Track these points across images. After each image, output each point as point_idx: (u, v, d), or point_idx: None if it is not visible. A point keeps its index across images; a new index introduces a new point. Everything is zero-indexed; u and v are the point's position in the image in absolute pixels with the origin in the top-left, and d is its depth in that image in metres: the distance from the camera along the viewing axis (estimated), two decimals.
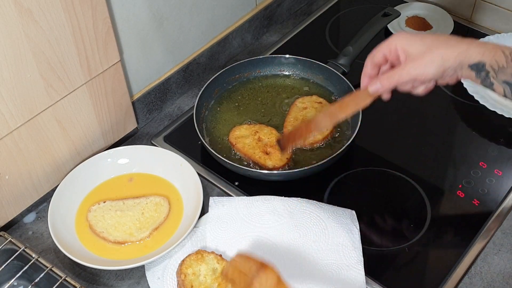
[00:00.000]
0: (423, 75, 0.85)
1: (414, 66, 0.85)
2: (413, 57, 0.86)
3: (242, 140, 1.09)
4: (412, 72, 0.85)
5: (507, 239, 0.98)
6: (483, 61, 0.82)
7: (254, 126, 1.12)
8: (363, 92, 0.93)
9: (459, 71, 0.85)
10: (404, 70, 0.86)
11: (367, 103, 0.92)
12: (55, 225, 0.97)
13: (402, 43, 0.88)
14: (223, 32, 1.30)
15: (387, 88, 0.89)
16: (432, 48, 0.85)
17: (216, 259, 0.91)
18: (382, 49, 0.90)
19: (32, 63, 0.90)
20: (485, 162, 1.09)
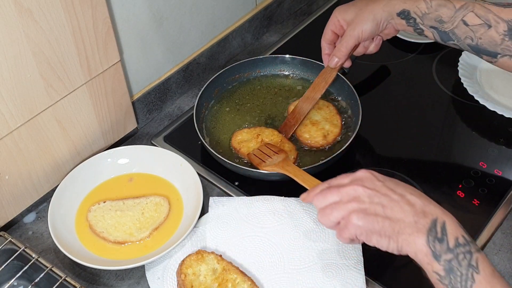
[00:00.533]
0: (363, 33, 1.00)
1: (353, 27, 1.01)
2: (350, 21, 1.02)
3: (246, 144, 1.08)
4: (353, 34, 1.01)
5: (507, 239, 0.98)
6: (407, 9, 0.97)
7: (255, 129, 1.11)
8: (327, 69, 1.10)
9: (392, 21, 1.00)
10: (347, 36, 1.02)
11: (333, 77, 1.10)
12: (55, 225, 0.97)
13: (341, 15, 1.04)
14: (223, 32, 1.30)
15: (342, 58, 1.05)
16: (362, 8, 1.01)
17: (216, 259, 0.91)
18: (329, 27, 1.07)
19: (32, 63, 0.90)
20: (485, 162, 1.09)
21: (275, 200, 1.01)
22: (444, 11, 0.94)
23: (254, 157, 1.04)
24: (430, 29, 0.96)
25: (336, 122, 1.12)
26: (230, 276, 0.89)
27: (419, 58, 1.32)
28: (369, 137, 1.14)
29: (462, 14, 0.93)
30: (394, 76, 1.29)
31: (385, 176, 0.82)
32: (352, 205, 0.78)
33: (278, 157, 1.01)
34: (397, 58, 1.33)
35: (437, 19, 0.95)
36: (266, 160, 1.02)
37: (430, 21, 0.95)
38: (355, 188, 0.79)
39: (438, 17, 0.94)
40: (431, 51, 1.33)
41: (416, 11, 0.96)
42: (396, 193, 0.78)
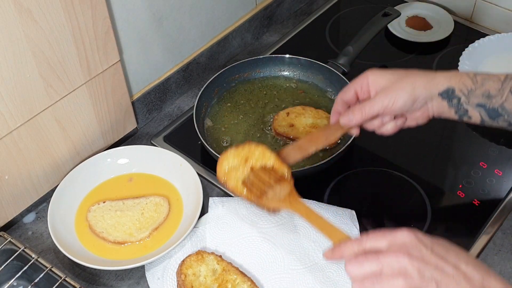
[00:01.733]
0: (394, 103, 0.84)
1: (385, 93, 0.84)
2: (384, 87, 0.85)
3: (234, 174, 0.92)
4: (383, 101, 0.84)
5: (507, 239, 0.98)
6: (452, 87, 0.83)
7: (243, 149, 0.93)
8: (333, 126, 0.92)
9: (430, 103, 0.85)
10: (375, 100, 0.85)
11: (337, 137, 0.92)
12: (54, 225, 0.97)
13: (373, 76, 0.87)
14: (223, 32, 1.30)
15: (358, 120, 0.87)
16: (402, 77, 0.85)
17: (216, 260, 0.91)
18: (353, 85, 0.89)
19: (32, 63, 0.90)
20: (486, 162, 1.09)
21: None
22: (490, 84, 0.82)
23: (251, 187, 0.88)
24: (476, 108, 0.83)
25: None
26: (230, 276, 0.89)
27: (419, 58, 1.32)
28: (369, 137, 1.14)
29: (509, 85, 0.82)
30: None
31: (430, 238, 0.71)
32: (398, 281, 0.66)
33: (281, 187, 0.87)
34: (397, 58, 1.32)
35: (484, 95, 0.82)
36: (266, 191, 0.87)
37: (477, 98, 0.83)
38: (399, 259, 0.67)
39: (485, 92, 0.82)
40: (431, 51, 1.32)
41: (462, 88, 0.83)
42: (449, 264, 0.67)
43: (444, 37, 1.33)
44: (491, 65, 1.26)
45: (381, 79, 0.86)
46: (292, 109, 1.15)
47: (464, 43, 1.30)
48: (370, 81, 0.87)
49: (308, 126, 1.11)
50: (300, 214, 0.84)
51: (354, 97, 0.90)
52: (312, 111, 1.14)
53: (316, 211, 0.84)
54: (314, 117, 1.13)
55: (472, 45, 1.27)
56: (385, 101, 0.84)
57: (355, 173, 1.09)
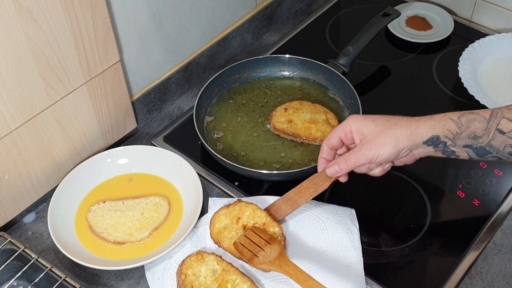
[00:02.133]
0: (378, 157, 0.86)
1: (369, 147, 0.86)
2: (368, 139, 0.86)
3: (227, 234, 0.95)
4: (367, 154, 0.86)
5: (507, 239, 0.98)
6: (436, 134, 0.84)
7: (234, 207, 0.97)
8: (321, 175, 0.93)
9: (415, 150, 0.87)
10: (360, 152, 0.87)
11: (325, 187, 0.93)
12: (54, 225, 0.97)
13: (356, 125, 0.88)
14: (223, 32, 1.30)
15: (344, 170, 0.89)
16: (385, 130, 0.86)
17: (216, 260, 0.91)
18: (337, 132, 0.90)
19: (32, 63, 0.90)
20: (486, 162, 1.09)
21: (274, 200, 1.01)
22: (476, 125, 0.83)
23: (242, 248, 0.92)
24: (463, 148, 0.85)
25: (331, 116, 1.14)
26: (230, 277, 0.89)
27: (419, 58, 1.32)
28: None
29: (495, 123, 0.83)
30: (394, 76, 1.29)
31: None
32: None
33: (271, 249, 0.91)
34: (397, 58, 1.32)
35: (470, 136, 0.84)
36: (257, 253, 0.90)
37: (463, 140, 0.84)
38: None
39: (471, 133, 0.84)
40: (431, 51, 1.32)
41: (447, 134, 0.84)
42: None
43: (444, 37, 1.33)
44: (491, 65, 1.26)
45: (364, 129, 0.87)
46: (289, 104, 1.15)
47: (464, 43, 1.30)
48: (353, 129, 0.89)
49: (307, 122, 1.11)
50: (290, 276, 0.87)
51: (339, 143, 0.91)
52: (310, 105, 1.15)
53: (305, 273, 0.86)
54: (311, 111, 1.13)
55: (472, 45, 1.27)
56: (369, 154, 0.86)
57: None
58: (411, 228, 0.99)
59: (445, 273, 0.93)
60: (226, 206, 0.98)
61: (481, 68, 1.25)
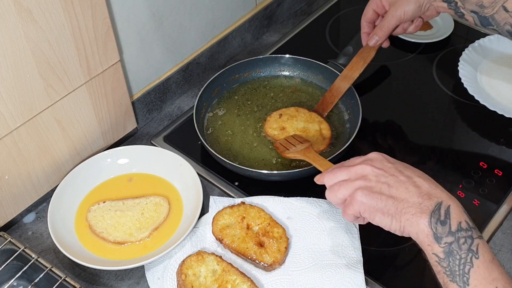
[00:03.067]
0: (405, 14, 1.03)
1: (395, 8, 1.03)
2: (393, 1, 1.04)
3: (229, 232, 0.95)
4: (395, 14, 1.03)
5: (507, 239, 0.98)
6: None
7: (238, 208, 0.97)
8: (366, 48, 1.12)
9: (434, 3, 1.02)
10: (389, 16, 1.04)
11: (372, 56, 1.11)
12: (54, 225, 0.97)
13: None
14: (223, 32, 1.30)
15: (383, 37, 1.08)
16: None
17: (216, 261, 0.91)
18: (371, 5, 1.08)
19: (32, 63, 0.90)
20: (486, 162, 1.09)
21: (274, 200, 1.01)
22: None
23: (279, 145, 1.05)
24: (470, 13, 0.98)
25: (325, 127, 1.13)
26: (230, 277, 0.89)
27: (419, 58, 1.32)
28: (369, 137, 1.14)
29: (502, 0, 0.94)
30: (394, 76, 1.29)
31: (396, 160, 0.84)
32: (358, 182, 0.80)
33: (301, 146, 1.02)
34: (397, 58, 1.32)
35: (478, 4, 0.96)
36: (290, 148, 1.02)
37: (471, 5, 0.97)
38: (364, 167, 0.81)
39: (479, 1, 0.96)
40: (431, 51, 1.32)
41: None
42: (404, 175, 0.79)
43: (444, 37, 1.33)
44: (491, 65, 1.26)
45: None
46: (285, 110, 1.15)
47: (464, 43, 1.30)
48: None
49: (299, 130, 1.11)
50: (308, 159, 0.97)
51: (374, 15, 1.09)
52: (305, 113, 1.14)
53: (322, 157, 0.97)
54: (306, 120, 1.12)
55: (472, 45, 1.27)
56: (396, 14, 1.03)
57: None
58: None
59: None
60: (229, 206, 0.98)
61: (481, 68, 1.24)
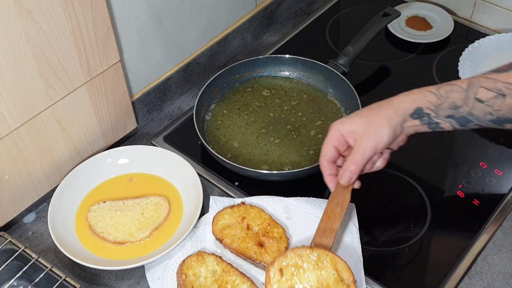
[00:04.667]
0: (381, 141, 0.87)
1: (368, 137, 0.86)
2: (362, 132, 0.87)
3: (230, 232, 0.95)
4: (370, 144, 0.86)
5: (507, 239, 0.98)
6: (419, 106, 0.87)
7: (238, 208, 0.97)
8: (337, 192, 0.91)
9: (404, 125, 0.88)
10: (362, 145, 0.87)
11: (348, 199, 0.90)
12: (55, 225, 0.97)
13: (344, 127, 0.89)
14: (223, 32, 1.30)
15: (356, 173, 0.88)
16: (373, 115, 0.88)
17: (216, 261, 0.91)
18: (330, 143, 0.90)
19: (32, 63, 0.90)
20: (485, 162, 1.09)
21: (274, 200, 1.01)
22: (455, 95, 0.86)
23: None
24: (446, 119, 0.88)
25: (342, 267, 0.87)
26: (230, 277, 0.89)
27: (419, 58, 1.32)
28: None
29: (473, 92, 0.85)
30: (394, 76, 1.29)
31: None
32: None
33: None
34: (397, 58, 1.32)
35: (451, 107, 0.86)
36: None
37: (444, 111, 0.87)
38: None
39: (451, 104, 0.86)
40: (431, 51, 1.32)
41: (429, 105, 0.87)
42: None
43: (444, 37, 1.33)
44: (491, 65, 1.25)
45: (353, 126, 0.88)
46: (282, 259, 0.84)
47: (464, 43, 1.30)
48: (343, 132, 0.89)
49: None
50: None
51: (336, 153, 0.91)
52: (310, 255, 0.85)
53: None
54: (315, 267, 0.84)
55: (472, 45, 1.27)
56: (371, 144, 0.87)
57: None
58: (411, 228, 0.99)
59: (445, 273, 0.93)
60: (230, 207, 0.98)
61: (481, 68, 1.24)
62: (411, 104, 0.87)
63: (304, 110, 1.17)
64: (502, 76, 0.85)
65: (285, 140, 1.12)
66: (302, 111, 1.17)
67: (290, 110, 1.17)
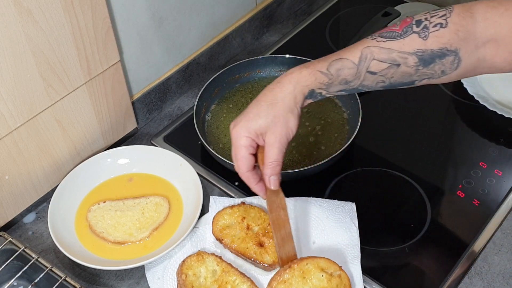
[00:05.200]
0: (292, 132, 0.84)
1: (280, 133, 0.83)
2: (268, 126, 0.83)
3: (230, 232, 0.95)
4: (282, 134, 0.83)
5: (507, 239, 0.98)
6: (311, 88, 0.85)
7: (238, 208, 0.97)
8: (272, 195, 0.87)
9: (304, 103, 0.86)
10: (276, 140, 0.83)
11: (283, 196, 0.87)
12: (55, 225, 0.97)
13: (248, 128, 0.84)
14: (223, 32, 1.30)
15: (279, 171, 0.84)
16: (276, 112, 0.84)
17: (216, 261, 0.91)
18: (242, 150, 0.85)
19: (32, 63, 0.90)
20: (485, 162, 1.09)
21: None
22: (345, 72, 0.83)
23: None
24: (337, 93, 0.86)
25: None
26: (230, 277, 0.89)
27: None
28: (369, 137, 1.14)
29: (365, 66, 0.82)
30: None
31: None
32: None
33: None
34: None
35: (342, 82, 0.84)
36: None
37: (336, 87, 0.85)
38: None
39: (342, 80, 0.84)
40: None
41: (320, 86, 0.85)
42: None
43: None
44: None
45: (257, 122, 0.84)
46: (282, 272, 0.86)
47: None
48: (249, 133, 0.84)
49: None
50: None
51: (253, 159, 0.86)
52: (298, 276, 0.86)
53: None
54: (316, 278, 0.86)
55: None
56: (284, 134, 0.83)
57: (355, 173, 1.09)
58: (411, 228, 0.99)
59: (445, 273, 0.93)
60: (230, 207, 0.98)
61: None
62: (304, 89, 0.85)
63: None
64: (397, 44, 0.81)
65: None
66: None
67: None
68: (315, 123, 1.14)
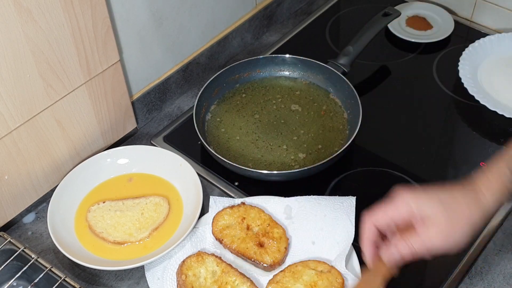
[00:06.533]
0: (456, 247, 0.74)
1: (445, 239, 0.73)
2: (438, 223, 0.73)
3: (229, 232, 0.95)
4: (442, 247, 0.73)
5: (507, 239, 0.98)
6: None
7: (238, 209, 0.97)
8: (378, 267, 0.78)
9: None
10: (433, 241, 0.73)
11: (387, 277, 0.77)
12: (54, 226, 0.97)
13: (414, 201, 0.74)
14: (223, 32, 1.30)
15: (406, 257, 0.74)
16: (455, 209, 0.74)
17: (216, 262, 0.91)
18: (389, 212, 0.76)
19: (32, 63, 0.90)
20: (485, 162, 1.08)
21: (274, 200, 1.01)
22: None
23: None
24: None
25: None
26: (230, 278, 0.89)
27: (419, 58, 1.32)
28: (369, 137, 1.14)
29: None
30: (394, 76, 1.29)
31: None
32: None
33: None
34: (397, 58, 1.32)
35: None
36: None
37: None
38: None
39: None
40: (431, 51, 1.32)
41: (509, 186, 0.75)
42: None
43: (444, 37, 1.33)
44: (491, 65, 1.26)
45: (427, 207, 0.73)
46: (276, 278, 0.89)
47: (464, 43, 1.30)
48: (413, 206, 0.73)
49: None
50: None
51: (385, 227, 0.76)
52: (290, 277, 0.89)
53: None
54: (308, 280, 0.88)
55: (472, 45, 1.27)
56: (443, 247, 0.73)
57: (355, 173, 1.09)
58: None
59: (445, 273, 0.93)
60: (230, 207, 0.98)
61: (481, 68, 1.24)
62: (491, 198, 0.74)
63: (304, 110, 1.17)
64: None
65: (285, 140, 1.12)
66: (302, 111, 1.17)
67: (290, 110, 1.17)
68: (315, 123, 1.14)
